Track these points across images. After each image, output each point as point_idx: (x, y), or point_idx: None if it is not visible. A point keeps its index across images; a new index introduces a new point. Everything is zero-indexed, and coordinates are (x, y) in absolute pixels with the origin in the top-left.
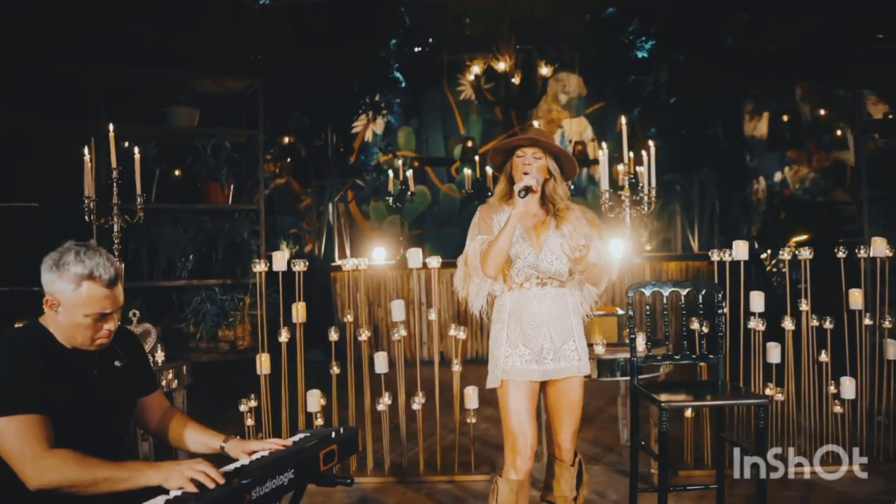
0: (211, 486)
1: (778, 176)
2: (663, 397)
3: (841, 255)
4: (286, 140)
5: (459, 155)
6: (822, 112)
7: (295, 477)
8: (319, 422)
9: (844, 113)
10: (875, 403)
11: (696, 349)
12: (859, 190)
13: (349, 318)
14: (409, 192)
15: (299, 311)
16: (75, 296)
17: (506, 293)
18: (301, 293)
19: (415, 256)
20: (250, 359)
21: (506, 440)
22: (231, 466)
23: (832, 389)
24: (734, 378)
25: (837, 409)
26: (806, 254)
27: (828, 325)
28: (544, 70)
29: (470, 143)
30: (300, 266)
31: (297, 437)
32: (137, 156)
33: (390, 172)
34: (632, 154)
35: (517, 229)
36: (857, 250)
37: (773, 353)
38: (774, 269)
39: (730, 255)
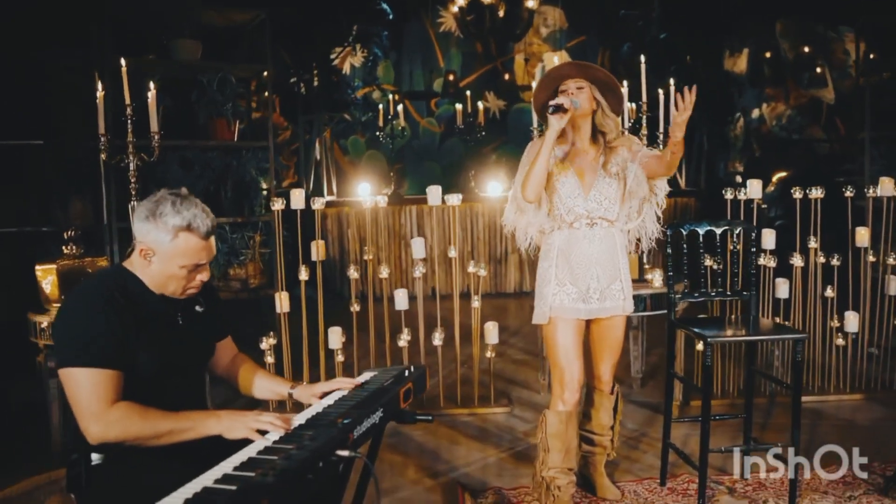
0: (281, 433)
1: (755, 113)
2: (708, 332)
3: (849, 193)
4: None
5: (440, 89)
6: (807, 49)
7: (383, 415)
8: (340, 359)
9: (824, 49)
10: (876, 337)
11: (717, 286)
12: (834, 127)
13: (369, 256)
14: (401, 128)
15: (319, 249)
16: (172, 247)
17: (555, 231)
18: (320, 231)
19: (434, 193)
20: (262, 297)
21: (553, 374)
22: (312, 411)
23: (835, 323)
24: (745, 312)
25: (840, 342)
26: (817, 192)
27: (835, 262)
28: (530, 2)
29: (451, 77)
30: (319, 204)
31: (365, 377)
32: (153, 91)
33: (380, 107)
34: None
35: (570, 169)
36: (865, 190)
37: (782, 288)
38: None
39: (744, 193)
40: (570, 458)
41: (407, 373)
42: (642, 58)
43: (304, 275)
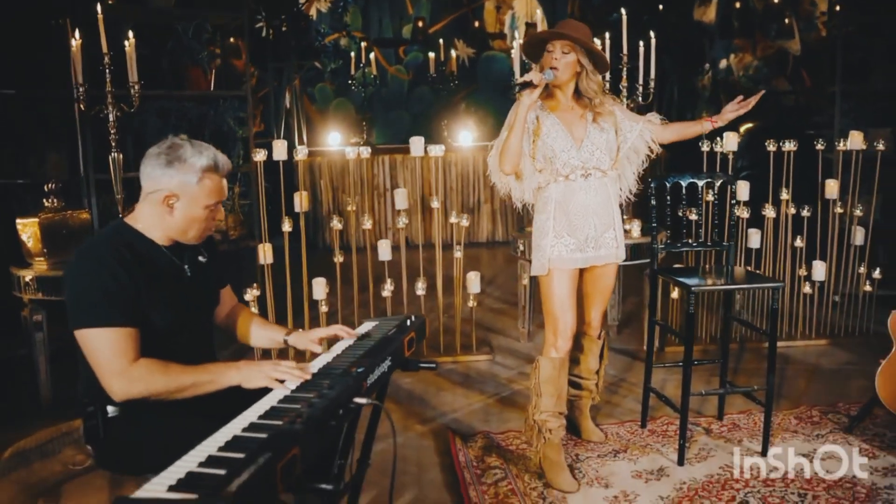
0: (298, 382)
1: (723, 63)
2: (692, 282)
3: (819, 147)
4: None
5: (410, 35)
6: (776, 0)
7: (391, 364)
8: (324, 309)
9: (791, 0)
10: (840, 285)
11: (697, 237)
12: (800, 79)
13: (352, 207)
14: (372, 76)
15: (302, 201)
16: (199, 188)
17: (551, 185)
18: (304, 182)
19: (417, 144)
20: (243, 249)
21: (547, 322)
22: (323, 360)
23: (803, 272)
24: (717, 261)
25: (807, 290)
26: (790, 146)
27: (805, 213)
28: None
29: (420, 24)
30: (301, 155)
31: (366, 327)
32: (132, 40)
33: (352, 55)
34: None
35: (558, 125)
36: (836, 143)
37: (754, 238)
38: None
39: (721, 145)
40: (560, 403)
41: (409, 322)
42: (623, 10)
43: (287, 226)
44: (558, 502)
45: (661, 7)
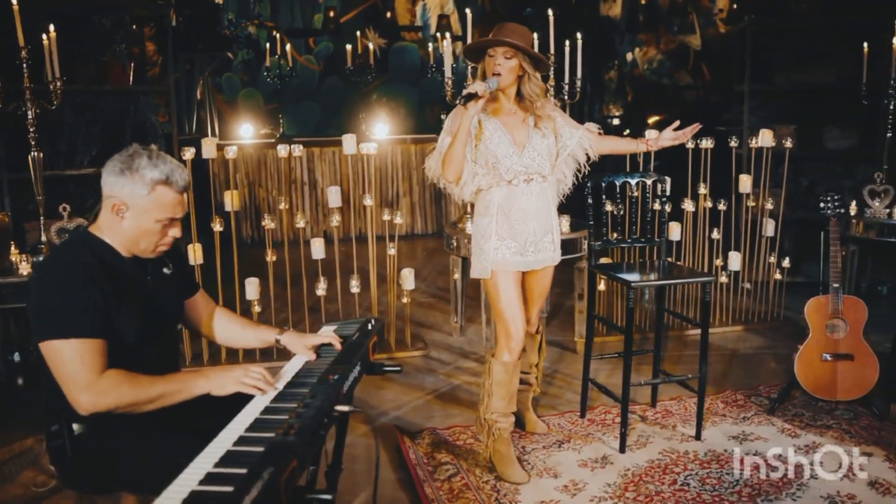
0: (269, 390)
1: (629, 57)
2: (632, 278)
3: (733, 144)
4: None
5: (321, 25)
6: None
7: (360, 369)
8: (258, 309)
9: None
10: (753, 274)
11: (628, 233)
12: (700, 73)
13: (284, 205)
14: (289, 68)
15: (233, 199)
16: (148, 201)
17: (494, 188)
18: (234, 181)
19: (349, 142)
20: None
21: (498, 326)
22: (294, 367)
23: (719, 262)
24: (640, 255)
25: (724, 279)
26: (707, 143)
27: (721, 206)
28: None
29: (332, 13)
30: (232, 154)
31: (327, 331)
32: (52, 34)
33: (267, 45)
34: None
35: (500, 130)
36: (749, 141)
37: (675, 231)
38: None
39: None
40: (511, 404)
41: (370, 326)
42: (550, 11)
43: (217, 226)
44: (511, 494)
45: (573, 1)
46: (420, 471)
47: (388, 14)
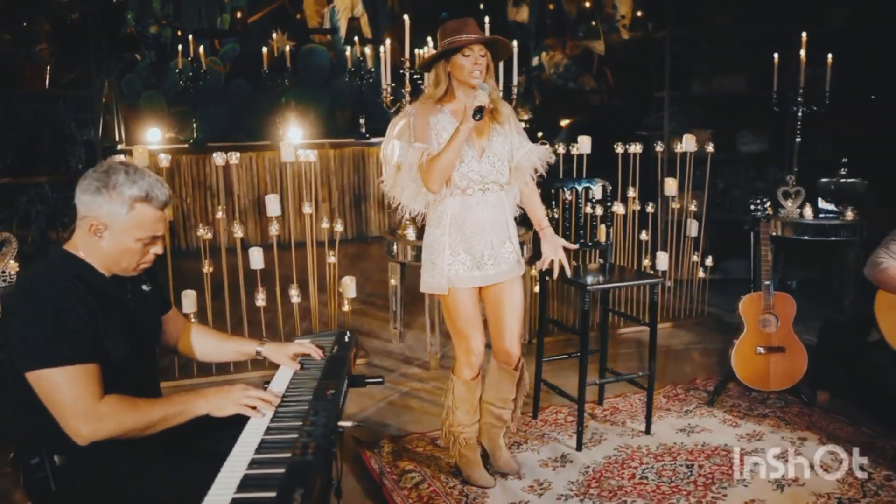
0: (271, 410)
1: (535, 61)
2: (587, 281)
3: (659, 149)
4: None
5: (228, 26)
6: (588, 4)
7: (348, 383)
8: (192, 320)
9: (596, 3)
10: (679, 272)
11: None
12: (604, 77)
13: (220, 214)
14: (202, 70)
15: (169, 210)
16: (128, 219)
17: (447, 199)
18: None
19: (288, 150)
20: None
21: (457, 344)
22: (281, 382)
23: (648, 262)
24: (574, 258)
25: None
26: (636, 148)
27: (650, 209)
28: None
29: (239, 14)
30: (166, 161)
31: (305, 343)
32: None
33: (179, 47)
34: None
35: (452, 129)
36: (673, 146)
37: (604, 233)
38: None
39: (576, 148)
40: (474, 414)
41: (347, 338)
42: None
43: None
44: (480, 498)
45: (481, 6)
46: (385, 479)
47: (298, 16)
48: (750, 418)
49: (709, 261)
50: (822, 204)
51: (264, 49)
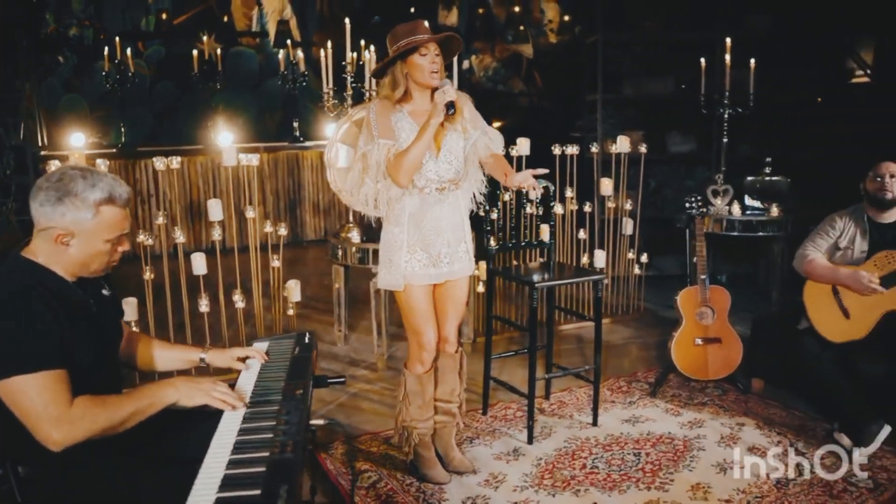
0: (240, 407)
1: (465, 64)
2: (534, 278)
3: (594, 150)
4: None
5: (153, 28)
6: (517, 9)
7: (313, 383)
8: (135, 330)
9: (525, 7)
10: (616, 270)
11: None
12: (533, 80)
13: (161, 220)
14: (131, 73)
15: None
16: (95, 223)
17: (405, 197)
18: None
19: (230, 154)
20: None
21: (410, 338)
22: (248, 383)
23: (586, 260)
24: (515, 257)
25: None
26: (573, 149)
27: (587, 209)
28: None
29: (164, 15)
30: (103, 168)
31: (263, 347)
32: None
33: (106, 49)
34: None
35: (411, 130)
36: (608, 147)
37: (545, 232)
38: None
39: (515, 150)
40: (427, 409)
41: (307, 339)
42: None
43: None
44: (438, 494)
45: (412, 10)
46: (342, 480)
47: (225, 18)
48: (691, 407)
49: (644, 258)
50: (748, 201)
51: (195, 52)
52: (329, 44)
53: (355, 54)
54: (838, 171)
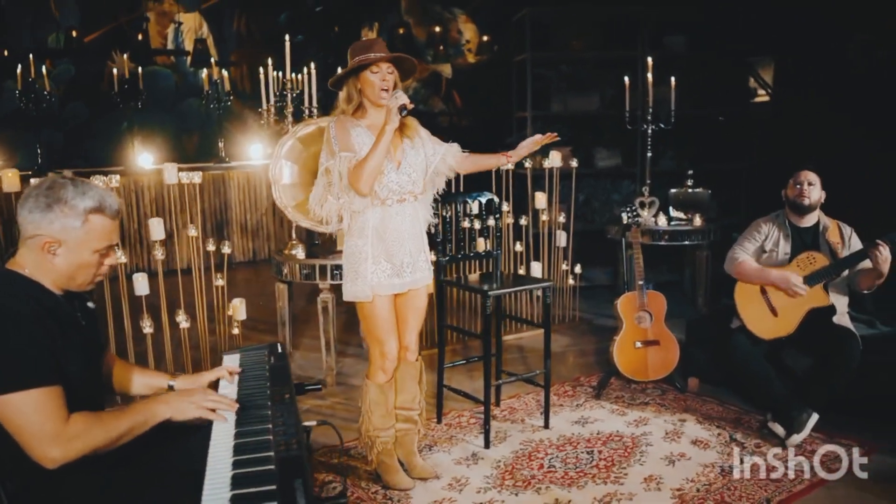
0: (233, 413)
1: None
2: (486, 287)
3: (528, 165)
4: None
5: (63, 45)
6: (437, 29)
7: (294, 391)
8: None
9: (445, 28)
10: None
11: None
12: (452, 100)
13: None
14: (46, 92)
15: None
16: (83, 232)
17: (368, 209)
18: None
19: (171, 172)
20: None
21: (373, 348)
22: (229, 391)
23: (522, 271)
24: (457, 270)
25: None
26: (509, 165)
27: (523, 222)
28: None
29: (75, 33)
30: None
31: (235, 360)
32: None
33: (19, 68)
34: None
35: (371, 142)
36: (543, 162)
37: (482, 245)
38: None
39: None
40: (390, 417)
41: (280, 349)
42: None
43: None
44: (404, 500)
45: (336, 29)
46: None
47: (140, 36)
48: (634, 406)
49: (577, 268)
50: (673, 212)
51: (115, 70)
52: (269, 61)
53: (280, 73)
54: (749, 182)
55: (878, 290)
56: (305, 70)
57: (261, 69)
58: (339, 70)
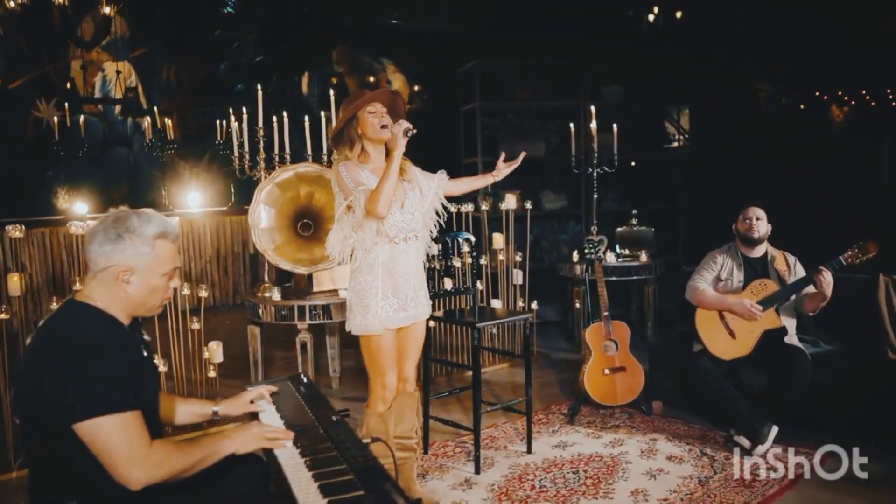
0: (289, 443)
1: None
2: (473, 320)
3: (484, 207)
4: None
5: None
6: (372, 79)
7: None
8: None
9: (377, 78)
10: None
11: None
12: None
13: (78, 286)
14: None
15: (20, 283)
16: (152, 257)
17: (378, 246)
18: (18, 263)
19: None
20: None
21: (374, 378)
22: (276, 422)
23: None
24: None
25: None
26: (468, 207)
27: (483, 261)
28: (107, 8)
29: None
30: (16, 233)
31: (262, 390)
32: None
33: None
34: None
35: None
36: (499, 204)
37: (448, 283)
38: None
39: None
40: (388, 446)
41: (305, 378)
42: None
43: (3, 314)
44: None
45: (275, 79)
46: None
47: (68, 84)
48: (607, 429)
49: (535, 304)
50: (619, 249)
51: (55, 119)
52: (244, 111)
53: (226, 122)
54: (685, 221)
55: (816, 315)
56: (275, 118)
57: (233, 118)
58: (334, 122)
